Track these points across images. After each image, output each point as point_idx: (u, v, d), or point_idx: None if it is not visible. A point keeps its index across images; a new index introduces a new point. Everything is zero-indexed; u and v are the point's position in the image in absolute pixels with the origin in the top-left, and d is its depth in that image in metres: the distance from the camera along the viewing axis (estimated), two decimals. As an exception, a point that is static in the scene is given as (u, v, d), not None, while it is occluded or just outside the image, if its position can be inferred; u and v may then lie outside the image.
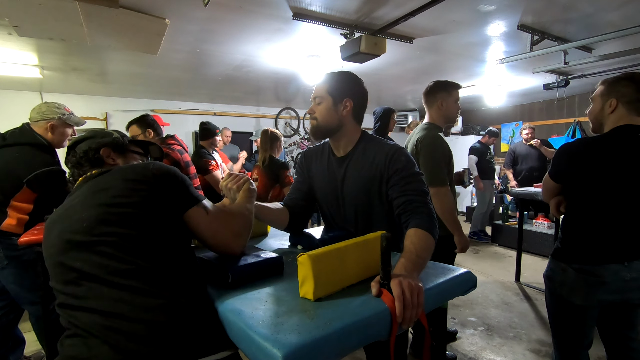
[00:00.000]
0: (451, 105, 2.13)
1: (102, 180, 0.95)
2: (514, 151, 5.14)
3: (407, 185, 1.22)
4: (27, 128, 2.03)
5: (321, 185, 1.44)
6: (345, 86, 1.34)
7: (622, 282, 1.39)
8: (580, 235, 1.47)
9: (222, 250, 1.02)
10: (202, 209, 0.97)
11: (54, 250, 0.89)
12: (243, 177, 1.19)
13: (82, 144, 1.08)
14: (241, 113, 6.78)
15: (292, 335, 0.69)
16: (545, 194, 1.66)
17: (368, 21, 2.88)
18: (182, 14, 2.59)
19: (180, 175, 0.97)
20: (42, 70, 3.95)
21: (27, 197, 1.93)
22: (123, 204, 0.87)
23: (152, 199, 0.90)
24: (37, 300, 1.92)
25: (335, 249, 0.91)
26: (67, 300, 0.84)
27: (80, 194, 0.95)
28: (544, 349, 2.46)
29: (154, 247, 0.86)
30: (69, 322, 0.84)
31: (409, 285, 0.82)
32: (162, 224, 0.90)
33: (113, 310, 0.79)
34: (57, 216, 0.96)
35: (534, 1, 2.54)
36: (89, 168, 1.05)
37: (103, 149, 1.08)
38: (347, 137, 1.37)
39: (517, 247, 3.80)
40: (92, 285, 0.82)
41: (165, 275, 0.85)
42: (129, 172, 0.94)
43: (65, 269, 0.86)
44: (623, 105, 1.43)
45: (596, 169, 1.40)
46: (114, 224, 0.85)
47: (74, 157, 1.06)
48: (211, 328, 0.84)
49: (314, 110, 1.36)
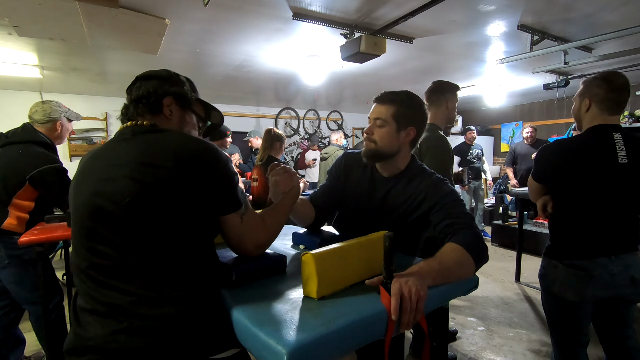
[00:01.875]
0: (454, 106, 2.17)
1: (153, 149, 0.84)
2: (514, 150, 5.23)
3: (451, 209, 1.17)
4: (29, 127, 2.04)
5: (357, 195, 1.39)
6: (412, 114, 1.27)
7: (610, 276, 1.42)
8: (569, 232, 1.51)
9: (239, 253, 1.00)
10: (240, 216, 0.93)
11: (84, 208, 0.84)
12: (296, 178, 1.13)
13: (151, 82, 0.99)
14: (241, 113, 6.79)
15: (296, 332, 0.69)
16: (531, 195, 1.69)
17: (368, 21, 2.88)
18: (182, 14, 2.59)
19: (231, 172, 0.89)
20: (42, 70, 3.95)
21: (29, 194, 1.93)
22: (169, 191, 0.80)
23: (197, 190, 0.83)
24: (37, 300, 1.91)
25: (339, 248, 0.91)
26: (89, 271, 0.81)
27: (127, 153, 0.85)
28: (544, 349, 2.46)
29: (182, 239, 0.83)
30: (88, 294, 0.81)
31: (409, 289, 0.81)
32: (196, 218, 0.85)
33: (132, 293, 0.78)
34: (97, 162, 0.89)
35: (534, 1, 2.54)
36: (144, 112, 0.97)
37: (167, 97, 0.99)
38: (397, 162, 1.32)
39: (517, 247, 3.80)
40: (116, 266, 0.79)
41: (186, 269, 0.83)
42: (183, 152, 0.83)
43: (95, 237, 0.81)
44: (596, 104, 1.48)
45: (573, 168, 1.44)
46: (154, 210, 0.79)
47: (136, 92, 0.97)
48: (222, 325, 0.83)
49: (373, 131, 1.27)
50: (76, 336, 0.82)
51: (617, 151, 1.41)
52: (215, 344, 0.83)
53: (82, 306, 0.83)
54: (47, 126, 2.06)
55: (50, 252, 1.94)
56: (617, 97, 1.45)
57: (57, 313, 2.02)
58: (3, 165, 1.92)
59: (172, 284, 0.81)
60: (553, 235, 1.58)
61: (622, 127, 1.47)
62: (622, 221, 1.46)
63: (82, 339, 0.80)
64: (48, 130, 2.07)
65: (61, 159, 2.09)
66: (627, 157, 1.40)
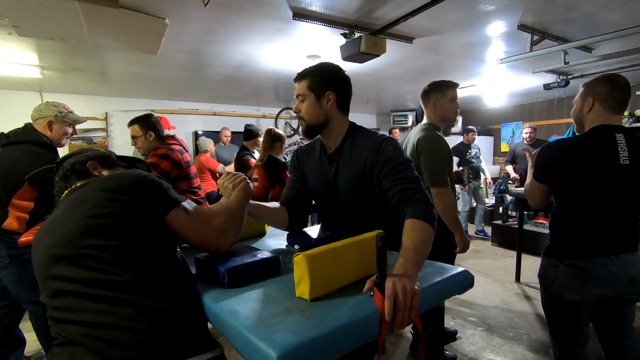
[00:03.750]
0: (446, 105, 2.08)
1: (82, 192, 0.96)
2: (514, 150, 5.32)
3: (399, 174, 1.20)
4: (30, 127, 2.04)
5: (315, 184, 1.44)
6: (325, 79, 1.31)
7: (610, 276, 1.43)
8: (569, 232, 1.51)
9: (209, 249, 1.03)
10: (182, 210, 0.97)
11: (41, 265, 0.90)
12: (240, 175, 1.18)
13: (71, 158, 1.11)
14: (241, 113, 6.79)
15: (287, 335, 0.69)
16: (535, 200, 1.64)
17: (368, 21, 2.88)
18: (182, 14, 2.59)
19: (157, 180, 0.97)
20: (42, 70, 3.96)
21: (28, 195, 1.93)
22: (102, 214, 0.87)
23: (132, 206, 0.90)
24: (37, 299, 1.91)
25: (332, 248, 0.91)
26: (54, 314, 0.86)
27: (64, 207, 0.96)
28: (544, 349, 2.46)
29: (136, 255, 0.86)
30: (57, 332, 0.85)
31: (403, 288, 0.81)
32: (144, 230, 0.90)
33: (96, 321, 0.80)
34: (43, 231, 0.97)
35: (534, 1, 2.53)
36: (75, 180, 1.06)
37: (90, 161, 1.10)
38: (335, 131, 1.35)
39: (517, 247, 3.80)
40: (74, 299, 0.82)
41: (148, 282, 0.85)
42: (106, 182, 0.94)
43: (50, 283, 0.86)
44: (599, 103, 1.48)
45: (575, 167, 1.44)
46: (95, 236, 0.85)
47: (61, 171, 1.08)
48: (197, 329, 0.85)
49: (299, 108, 1.33)
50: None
51: (619, 152, 1.41)
52: (190, 348, 0.83)
53: (55, 345, 0.86)
54: (39, 123, 2.06)
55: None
56: (621, 95, 1.46)
57: None
58: (2, 165, 1.93)
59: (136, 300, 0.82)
60: (553, 234, 1.58)
61: (624, 128, 1.47)
62: (622, 221, 1.46)
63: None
64: (42, 129, 2.06)
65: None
66: (629, 158, 1.40)
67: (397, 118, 7.73)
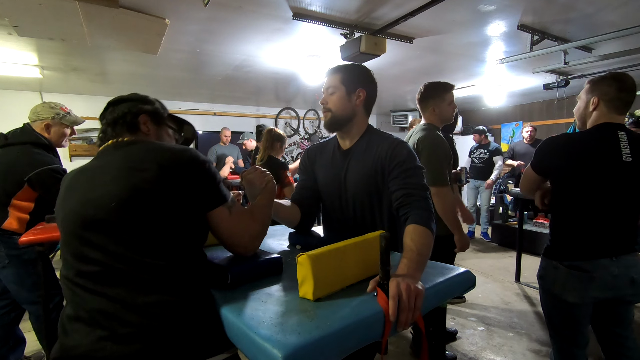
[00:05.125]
0: (445, 109, 2.12)
1: (136, 156, 0.89)
2: (513, 149, 5.38)
3: (407, 179, 1.21)
4: (29, 128, 2.03)
5: (325, 177, 1.44)
6: (358, 77, 1.34)
7: (611, 277, 1.41)
8: (570, 232, 1.50)
9: (236, 251, 1.00)
10: (227, 209, 0.94)
11: (74, 216, 0.85)
12: (267, 174, 1.15)
13: (124, 104, 1.03)
14: (241, 113, 6.78)
15: (292, 335, 0.69)
16: (526, 186, 1.64)
17: (368, 21, 2.88)
18: (182, 14, 2.59)
19: (213, 170, 0.92)
20: (42, 70, 3.95)
21: (28, 195, 1.93)
22: (156, 191, 0.82)
23: (183, 190, 0.85)
24: (37, 299, 1.92)
25: (335, 249, 0.91)
26: (77, 279, 0.82)
27: (112, 162, 0.89)
28: (544, 349, 2.46)
29: (172, 242, 0.84)
30: (75, 301, 0.82)
31: (407, 288, 0.82)
32: (186, 218, 0.87)
33: (118, 299, 0.78)
34: (79, 174, 0.92)
35: (534, 1, 2.54)
36: (122, 131, 1.00)
37: (142, 115, 1.03)
38: (355, 128, 1.37)
39: (517, 247, 3.80)
40: (103, 270, 0.80)
41: (176, 273, 0.83)
42: (166, 156, 0.87)
43: (82, 245, 0.83)
44: (604, 103, 1.47)
45: (577, 163, 1.43)
46: (141, 212, 0.81)
47: (111, 115, 1.01)
48: (211, 329, 0.83)
49: (327, 100, 1.35)
50: (61, 346, 0.82)
51: (621, 149, 1.40)
52: (206, 348, 0.82)
53: (68, 314, 0.84)
54: (36, 125, 2.04)
55: (50, 252, 1.94)
56: (627, 96, 1.45)
57: (57, 313, 2.02)
58: (2, 166, 1.92)
59: (162, 288, 0.81)
60: (554, 235, 1.56)
61: (626, 127, 1.46)
62: (623, 221, 1.45)
63: (67, 349, 0.80)
64: (40, 130, 2.04)
65: (61, 159, 2.09)
66: (632, 155, 1.39)
67: (397, 118, 7.74)
